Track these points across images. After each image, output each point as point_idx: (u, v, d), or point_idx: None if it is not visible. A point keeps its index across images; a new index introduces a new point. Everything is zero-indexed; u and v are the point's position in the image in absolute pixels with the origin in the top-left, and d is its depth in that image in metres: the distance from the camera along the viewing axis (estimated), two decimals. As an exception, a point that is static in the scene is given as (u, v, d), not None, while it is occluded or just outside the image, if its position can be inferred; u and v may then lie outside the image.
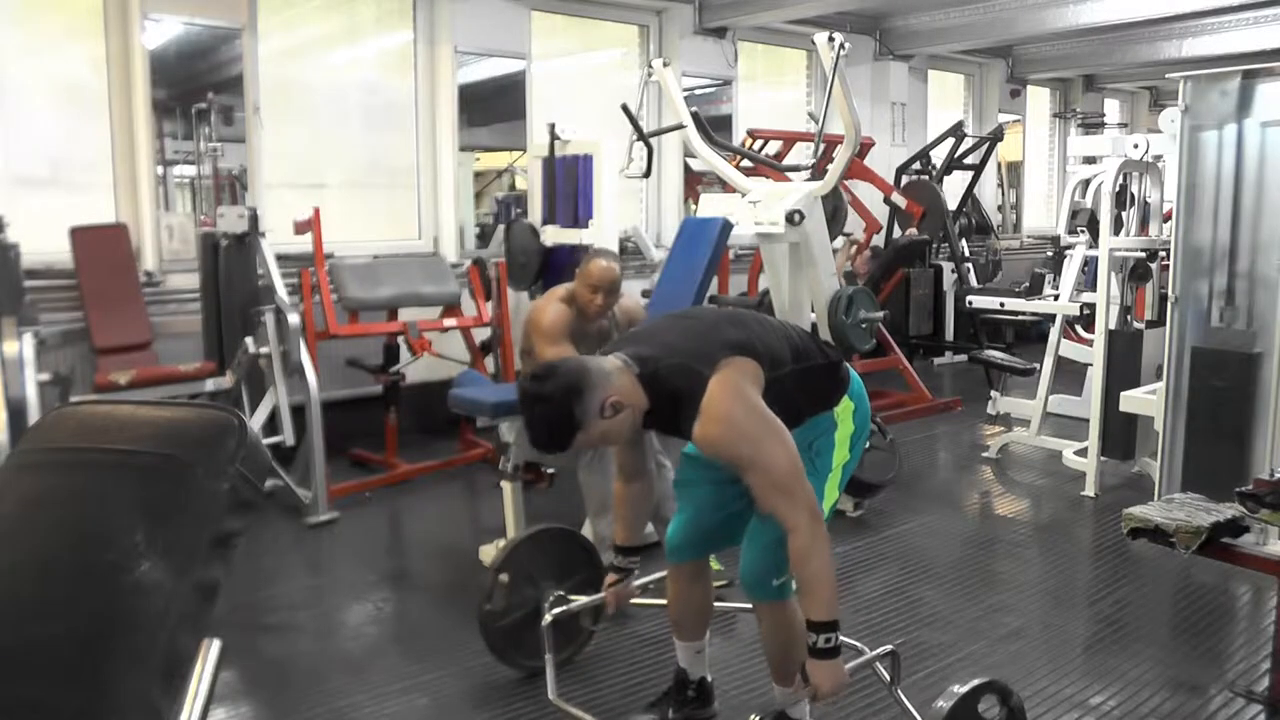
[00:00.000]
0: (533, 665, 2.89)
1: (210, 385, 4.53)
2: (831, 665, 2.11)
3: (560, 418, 2.11)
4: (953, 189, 8.57)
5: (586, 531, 3.68)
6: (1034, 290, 6.12)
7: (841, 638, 2.15)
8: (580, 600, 2.82)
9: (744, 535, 2.34)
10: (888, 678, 2.45)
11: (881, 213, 7.81)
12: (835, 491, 2.36)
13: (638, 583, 2.66)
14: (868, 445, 4.21)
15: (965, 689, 2.19)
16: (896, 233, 7.96)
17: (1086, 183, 6.11)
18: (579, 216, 5.43)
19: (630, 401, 2.16)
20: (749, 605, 2.44)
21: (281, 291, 4.57)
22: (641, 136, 5.67)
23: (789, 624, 2.35)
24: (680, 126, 5.86)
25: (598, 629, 3.05)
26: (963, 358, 7.85)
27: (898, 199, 7.04)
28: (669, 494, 3.14)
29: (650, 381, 2.19)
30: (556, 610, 2.77)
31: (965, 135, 8.28)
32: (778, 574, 2.28)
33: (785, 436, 2.12)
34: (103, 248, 4.81)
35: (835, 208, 5.84)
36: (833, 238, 6.21)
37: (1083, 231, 5.72)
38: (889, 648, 2.45)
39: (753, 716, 2.30)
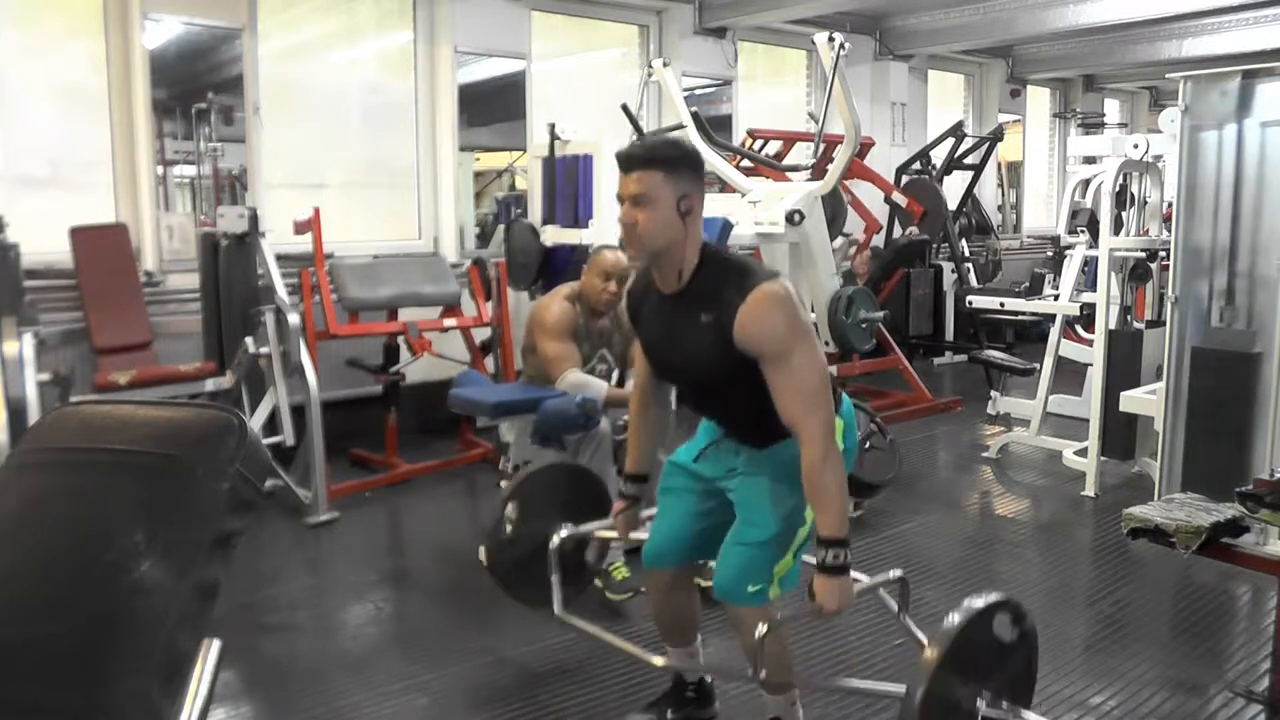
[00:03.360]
0: (537, 599, 2.86)
1: (210, 385, 4.53)
2: (839, 582, 2.09)
3: (674, 147, 2.18)
4: (953, 189, 8.58)
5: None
6: (1034, 290, 6.13)
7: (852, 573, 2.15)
8: (589, 525, 2.76)
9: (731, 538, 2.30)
10: (895, 605, 2.41)
11: (882, 213, 7.82)
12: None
13: (646, 513, 2.63)
14: (868, 445, 4.23)
15: (980, 604, 2.11)
16: (897, 232, 7.96)
17: (1086, 183, 6.12)
18: (579, 216, 5.43)
19: (690, 244, 2.17)
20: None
21: (281, 291, 4.57)
22: (642, 136, 5.67)
23: (765, 624, 2.34)
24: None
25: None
26: (963, 358, 7.85)
27: (898, 198, 7.05)
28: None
29: (711, 255, 2.21)
30: (564, 533, 2.72)
31: (965, 135, 8.29)
32: (754, 580, 2.24)
33: (822, 354, 2.14)
34: (103, 248, 4.81)
35: (834, 211, 5.83)
36: (832, 239, 6.21)
37: (1083, 231, 5.72)
38: (898, 573, 2.42)
39: None
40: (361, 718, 2.76)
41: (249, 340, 4.45)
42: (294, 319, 4.42)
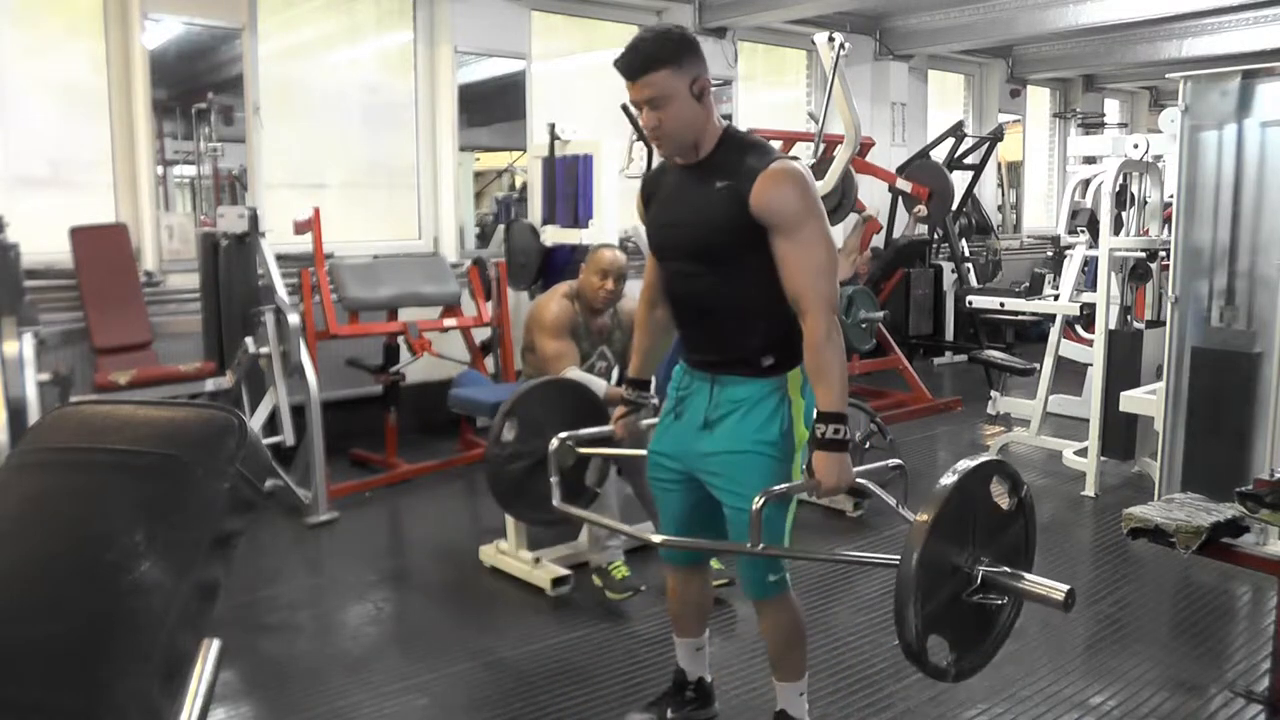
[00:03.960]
0: (535, 516, 2.83)
1: (210, 385, 4.53)
2: (837, 458, 2.09)
3: (669, 39, 2.17)
4: (953, 189, 8.57)
5: (583, 535, 3.68)
6: (1034, 290, 6.12)
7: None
8: (587, 431, 2.67)
9: (732, 536, 2.30)
10: (893, 501, 2.37)
11: (882, 213, 7.80)
12: (798, 473, 2.26)
13: (647, 422, 2.59)
14: (867, 446, 4.23)
15: (972, 464, 2.02)
16: (900, 220, 7.81)
17: (1086, 183, 6.11)
18: (579, 216, 5.43)
19: (710, 119, 2.18)
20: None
21: (281, 291, 4.57)
22: (641, 136, 5.67)
23: (789, 620, 2.36)
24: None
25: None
26: (963, 358, 7.85)
27: (902, 184, 6.98)
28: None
29: (733, 132, 2.22)
30: (563, 434, 2.62)
31: (965, 135, 8.28)
32: (772, 570, 2.28)
33: (830, 233, 2.15)
34: (103, 248, 4.81)
35: (845, 190, 5.79)
36: (843, 219, 6.18)
37: (1083, 231, 5.72)
38: (897, 461, 2.41)
39: None
40: (361, 718, 2.76)
41: (249, 340, 4.45)
42: (294, 319, 4.42)
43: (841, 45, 5.07)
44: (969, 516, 1.97)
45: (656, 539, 2.48)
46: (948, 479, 1.96)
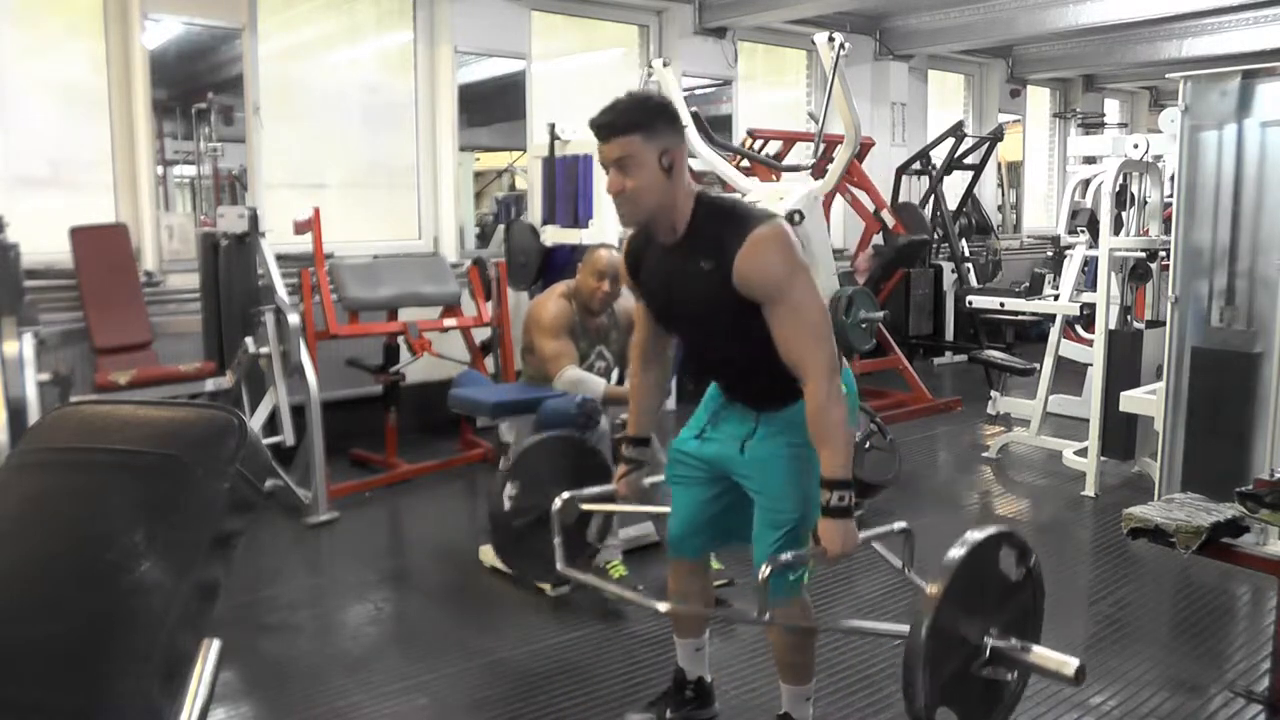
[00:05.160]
0: (539, 572, 2.87)
1: (210, 385, 4.53)
2: (844, 524, 2.08)
3: (645, 107, 2.14)
4: (953, 189, 8.57)
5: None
6: (1034, 290, 6.12)
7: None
8: (590, 490, 2.70)
9: (748, 519, 2.32)
10: (899, 563, 2.38)
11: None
12: None
13: (648, 480, 2.62)
14: (867, 446, 4.23)
15: (981, 536, 2.02)
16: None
17: (1086, 183, 6.11)
18: (579, 216, 5.43)
19: (680, 195, 2.16)
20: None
21: (281, 291, 4.57)
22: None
23: (803, 618, 2.36)
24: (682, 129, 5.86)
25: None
26: (963, 358, 7.85)
27: (888, 216, 7.02)
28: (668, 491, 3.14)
29: (706, 203, 2.19)
30: (566, 496, 2.64)
31: (965, 135, 8.28)
32: (790, 570, 2.26)
33: (819, 290, 2.13)
34: (103, 248, 4.81)
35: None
36: None
37: (1083, 231, 5.72)
38: (902, 524, 2.39)
39: None
40: (361, 718, 2.76)
41: (249, 340, 4.45)
42: (294, 319, 4.42)
43: (841, 45, 5.07)
44: (977, 587, 1.99)
45: (662, 608, 2.47)
46: (957, 550, 1.97)
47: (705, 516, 2.45)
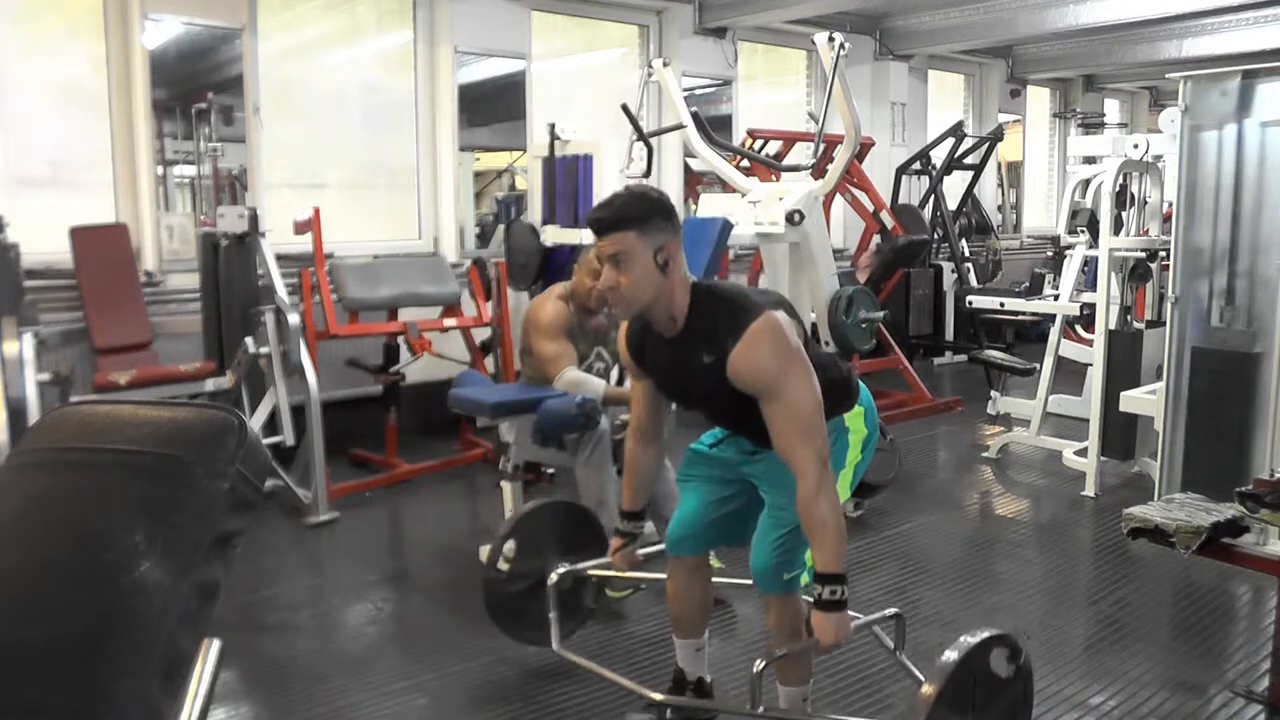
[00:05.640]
0: (532, 636, 2.92)
1: (210, 385, 4.53)
2: (837, 617, 2.11)
3: (641, 204, 2.17)
4: (953, 189, 8.57)
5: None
6: (1034, 290, 6.12)
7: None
8: (587, 563, 2.81)
9: (755, 529, 2.35)
10: (891, 644, 2.45)
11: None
12: (846, 490, 2.36)
13: (643, 551, 2.66)
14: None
15: (975, 640, 2.12)
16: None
17: (1086, 183, 6.11)
18: (579, 216, 5.43)
19: (676, 290, 2.18)
20: (746, 581, 2.44)
21: (281, 291, 4.57)
22: (641, 136, 5.67)
23: (796, 620, 2.36)
24: (680, 126, 5.86)
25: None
26: (963, 358, 7.85)
27: (887, 217, 7.02)
28: (671, 493, 3.14)
29: (703, 294, 2.22)
30: (563, 569, 2.77)
31: (965, 135, 8.28)
32: (789, 568, 2.29)
33: (815, 381, 2.14)
34: (103, 248, 4.81)
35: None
36: None
37: (1083, 231, 5.72)
38: (894, 610, 2.46)
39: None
40: (361, 718, 2.76)
41: (249, 340, 4.45)
42: (294, 319, 4.42)
43: (841, 45, 5.07)
44: (969, 689, 2.10)
45: (657, 697, 2.54)
46: (951, 654, 2.08)
47: (711, 517, 2.47)
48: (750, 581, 2.38)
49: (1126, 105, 11.69)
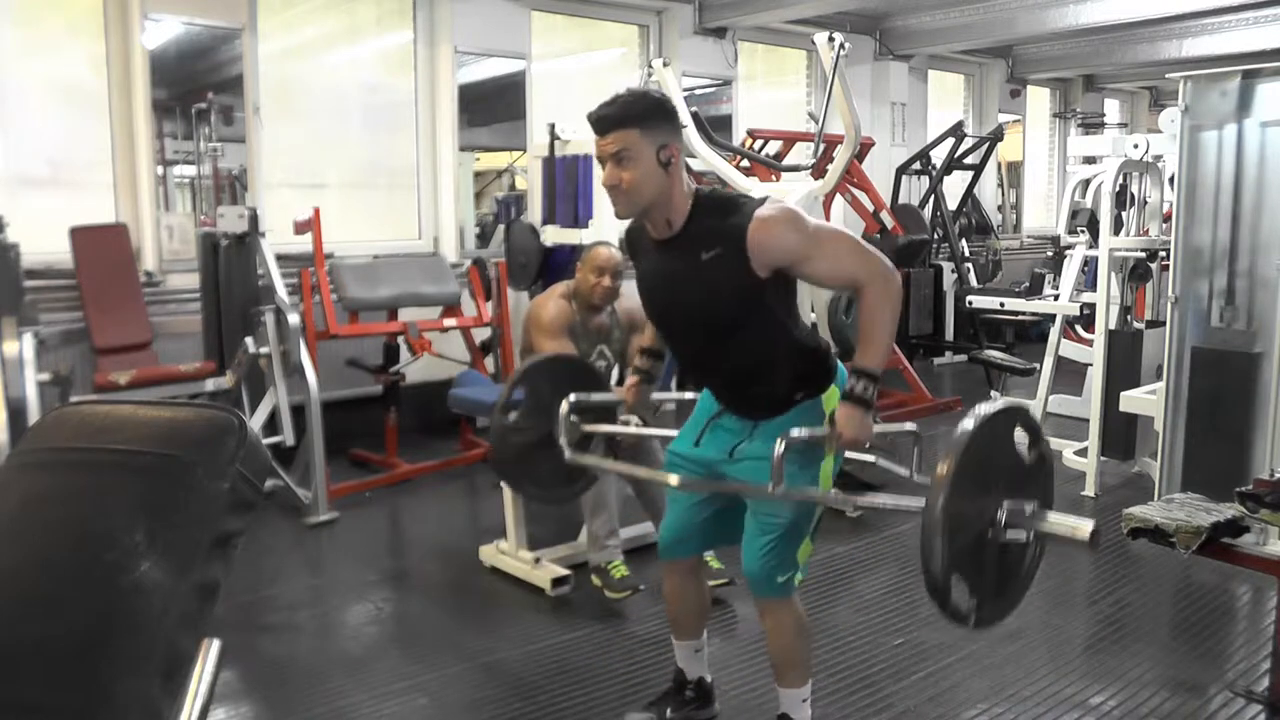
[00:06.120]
0: (536, 491, 2.83)
1: (210, 385, 4.52)
2: (860, 412, 2.09)
3: (643, 102, 2.17)
4: (953, 189, 8.57)
5: (582, 535, 3.68)
6: (1034, 290, 6.12)
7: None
8: (598, 396, 2.67)
9: (741, 533, 2.32)
10: (904, 472, 2.31)
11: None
12: (828, 481, 2.30)
13: (657, 395, 2.63)
14: (867, 445, 4.22)
15: (993, 409, 1.92)
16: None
17: (1086, 183, 6.11)
18: (579, 216, 5.43)
19: (677, 191, 2.17)
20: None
21: (281, 291, 4.57)
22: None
23: (792, 622, 2.36)
24: (680, 126, 5.86)
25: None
26: (963, 358, 7.85)
27: (887, 218, 7.01)
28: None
29: (704, 198, 2.21)
30: (574, 398, 2.59)
31: (965, 135, 8.28)
32: (781, 571, 2.28)
33: (834, 225, 2.17)
34: (103, 248, 4.81)
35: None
36: None
37: (1083, 231, 5.72)
38: (912, 426, 2.36)
39: None
40: (361, 718, 2.76)
41: (249, 340, 4.44)
42: (294, 319, 4.42)
43: (841, 45, 5.07)
44: (993, 459, 1.94)
45: (672, 480, 2.44)
46: (968, 422, 1.90)
47: (699, 519, 2.45)
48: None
49: (1126, 105, 11.69)
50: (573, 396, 2.58)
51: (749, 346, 2.21)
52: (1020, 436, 1.99)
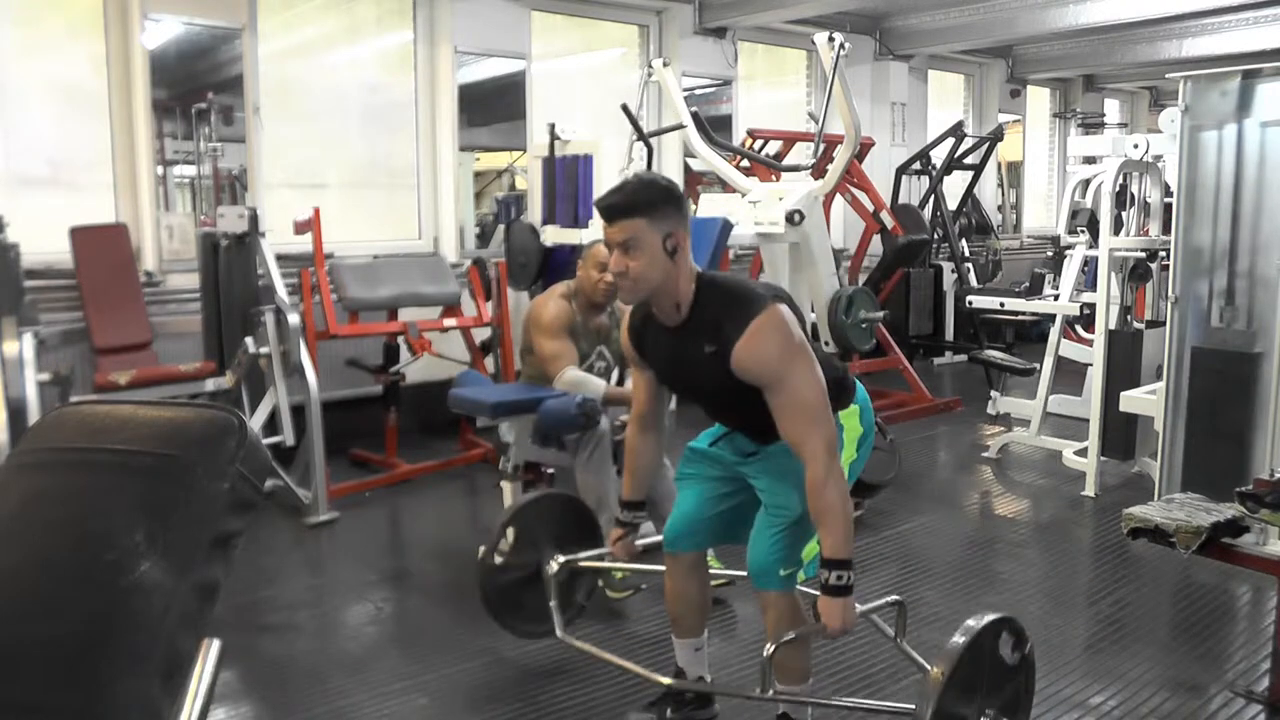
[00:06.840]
0: (525, 629, 2.94)
1: (210, 385, 4.52)
2: (842, 603, 2.13)
3: (652, 190, 2.20)
4: (953, 189, 8.57)
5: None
6: (1034, 290, 6.12)
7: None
8: (585, 553, 2.80)
9: (752, 525, 2.36)
10: (891, 631, 2.45)
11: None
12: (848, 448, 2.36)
13: (641, 542, 2.67)
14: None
15: (982, 623, 2.13)
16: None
17: (1086, 183, 6.11)
18: (579, 216, 5.43)
19: (682, 278, 2.21)
20: (743, 573, 2.44)
21: (281, 291, 4.57)
22: (641, 136, 5.67)
23: (794, 616, 2.36)
24: (680, 126, 5.86)
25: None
26: (963, 358, 7.85)
27: (886, 218, 7.02)
28: (670, 492, 3.14)
29: (706, 284, 2.24)
30: (563, 559, 2.77)
31: (965, 135, 8.28)
32: (785, 564, 2.30)
33: (819, 371, 2.17)
34: (103, 248, 4.81)
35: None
36: None
37: (1083, 231, 5.72)
38: (896, 598, 2.46)
39: None
40: (361, 718, 2.76)
41: (249, 340, 4.44)
42: (294, 319, 4.42)
43: (841, 45, 5.07)
44: (976, 672, 2.11)
45: (666, 681, 2.54)
46: (960, 637, 2.09)
47: (707, 514, 2.48)
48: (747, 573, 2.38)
49: (1126, 105, 11.69)
50: (560, 559, 2.75)
51: (757, 410, 2.23)
52: (1006, 640, 2.18)
